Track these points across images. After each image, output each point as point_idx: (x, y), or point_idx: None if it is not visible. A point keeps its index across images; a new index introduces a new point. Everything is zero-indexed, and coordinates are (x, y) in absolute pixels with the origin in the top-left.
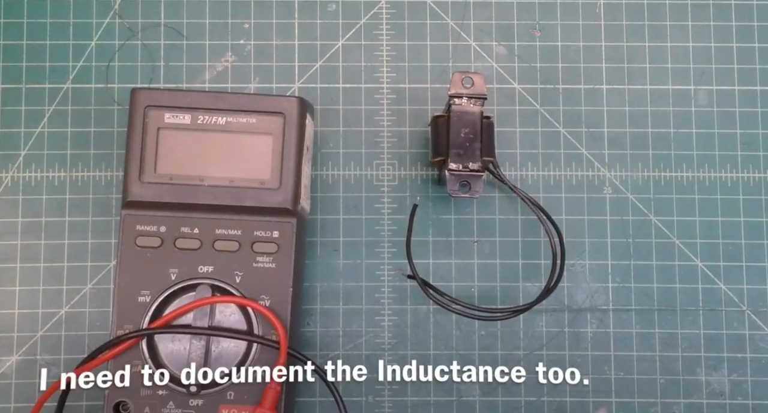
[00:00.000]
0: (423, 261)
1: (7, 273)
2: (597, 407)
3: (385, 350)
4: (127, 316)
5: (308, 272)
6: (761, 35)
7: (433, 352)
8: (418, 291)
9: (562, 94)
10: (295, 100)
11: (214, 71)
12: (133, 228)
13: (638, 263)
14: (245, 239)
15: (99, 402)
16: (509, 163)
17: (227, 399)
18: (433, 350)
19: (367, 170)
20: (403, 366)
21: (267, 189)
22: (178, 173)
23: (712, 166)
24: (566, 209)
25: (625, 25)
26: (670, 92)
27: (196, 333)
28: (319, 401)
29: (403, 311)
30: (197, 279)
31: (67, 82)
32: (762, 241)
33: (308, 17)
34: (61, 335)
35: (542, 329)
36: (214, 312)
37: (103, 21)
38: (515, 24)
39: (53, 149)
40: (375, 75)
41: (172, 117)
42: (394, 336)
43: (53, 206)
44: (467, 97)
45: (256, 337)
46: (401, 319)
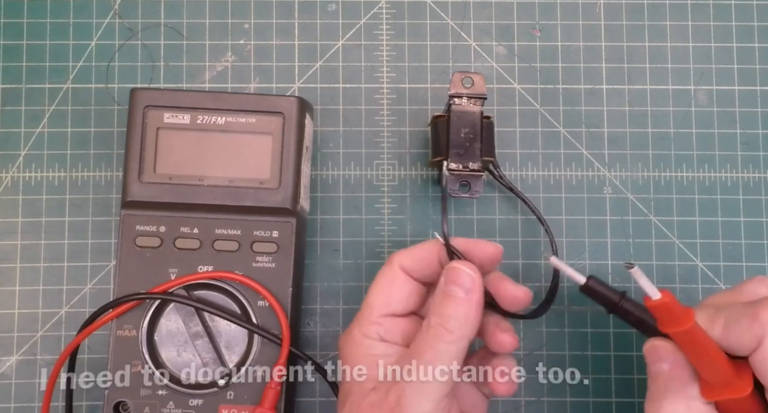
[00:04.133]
0: None
1: (7, 273)
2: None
3: None
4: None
5: (308, 272)
6: (761, 35)
7: None
8: None
9: (562, 94)
10: (295, 100)
11: (214, 71)
12: (132, 228)
13: (638, 263)
14: (245, 239)
15: (99, 402)
16: (509, 163)
17: (227, 399)
18: None
19: (367, 170)
20: (402, 365)
21: (266, 189)
22: (178, 173)
23: (712, 166)
24: (566, 209)
25: (625, 25)
26: (670, 92)
27: (197, 307)
28: (319, 401)
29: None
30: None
31: (67, 82)
32: (762, 241)
33: (308, 17)
34: (61, 335)
35: (542, 329)
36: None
37: (103, 21)
38: (515, 24)
39: (53, 149)
40: (375, 75)
41: (171, 117)
42: None
43: (53, 206)
44: (467, 97)
45: (258, 328)
46: None
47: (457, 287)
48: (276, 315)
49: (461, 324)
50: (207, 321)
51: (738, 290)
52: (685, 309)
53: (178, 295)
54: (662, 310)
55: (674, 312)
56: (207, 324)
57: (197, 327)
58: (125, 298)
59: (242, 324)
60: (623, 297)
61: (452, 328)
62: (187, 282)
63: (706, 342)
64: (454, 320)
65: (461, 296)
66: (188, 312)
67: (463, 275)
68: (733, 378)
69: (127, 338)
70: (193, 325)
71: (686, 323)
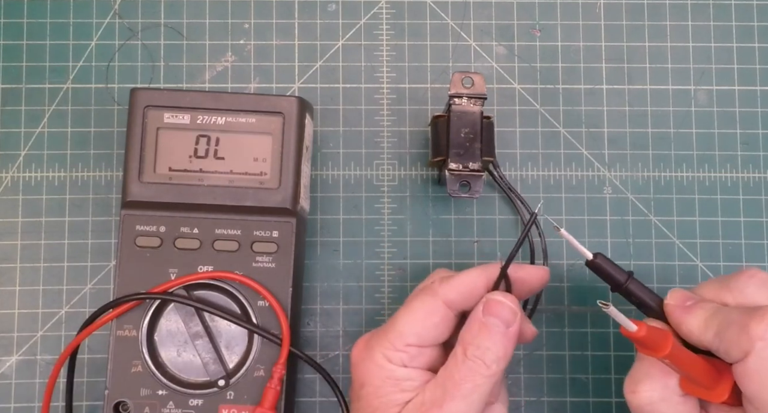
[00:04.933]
0: (423, 261)
1: (7, 273)
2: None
3: None
4: (127, 316)
5: (308, 272)
6: (761, 35)
7: None
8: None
9: (562, 94)
10: (295, 100)
11: (214, 71)
12: (132, 228)
13: (638, 263)
14: (245, 239)
15: (99, 402)
16: (509, 163)
17: (227, 399)
18: None
19: (367, 170)
20: (433, 395)
21: (266, 189)
22: (178, 173)
23: (712, 166)
24: (566, 209)
25: (625, 25)
26: (670, 92)
27: (197, 307)
28: (319, 401)
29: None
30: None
31: (67, 82)
32: (762, 241)
33: (308, 17)
34: (61, 335)
35: (542, 329)
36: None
37: (103, 21)
38: (515, 24)
39: (53, 149)
40: (375, 75)
41: (171, 117)
42: None
43: (53, 206)
44: (467, 97)
45: (258, 328)
46: None
47: (499, 321)
48: (276, 315)
49: (499, 358)
50: (207, 321)
51: (726, 283)
52: (664, 335)
53: (178, 295)
54: (638, 341)
55: (649, 343)
56: (207, 324)
57: (197, 327)
58: (125, 298)
59: (242, 324)
60: (630, 277)
61: (490, 362)
62: (187, 282)
63: (687, 359)
64: (493, 354)
65: (502, 331)
66: (188, 311)
67: (507, 309)
68: (713, 383)
69: (127, 338)
70: (193, 325)
71: (663, 350)
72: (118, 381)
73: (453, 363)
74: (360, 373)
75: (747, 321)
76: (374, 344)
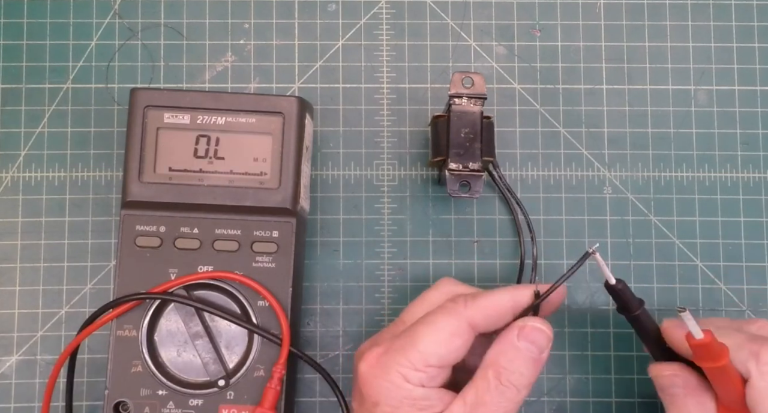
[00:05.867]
0: (423, 261)
1: (7, 273)
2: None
3: None
4: (127, 316)
5: (308, 272)
6: (761, 35)
7: None
8: (417, 292)
9: (562, 94)
10: (294, 100)
11: (214, 71)
12: (132, 228)
13: (638, 263)
14: (245, 239)
15: (99, 402)
16: (509, 163)
17: (227, 399)
18: None
19: (367, 170)
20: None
21: (266, 189)
22: (178, 173)
23: (712, 166)
24: (566, 209)
25: (625, 25)
26: (670, 92)
27: (197, 307)
28: (319, 401)
29: (402, 311)
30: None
31: (67, 82)
32: (762, 241)
33: (308, 17)
34: (61, 335)
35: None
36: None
37: (103, 21)
38: (515, 24)
39: (53, 149)
40: (375, 75)
41: (171, 117)
42: None
43: (53, 206)
44: (467, 97)
45: (258, 328)
46: None
47: (533, 347)
48: (276, 315)
49: (530, 384)
50: (207, 321)
51: (737, 325)
52: (721, 346)
53: (178, 295)
54: (702, 349)
55: (712, 351)
56: (207, 324)
57: (197, 327)
58: (125, 298)
59: (242, 324)
60: (641, 306)
61: (522, 387)
62: (187, 282)
63: (734, 375)
64: (526, 379)
65: (535, 357)
66: (188, 311)
67: (544, 336)
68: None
69: (127, 338)
70: (193, 325)
71: (722, 360)
72: (118, 381)
73: (484, 387)
74: (373, 391)
75: (755, 347)
76: (390, 361)
